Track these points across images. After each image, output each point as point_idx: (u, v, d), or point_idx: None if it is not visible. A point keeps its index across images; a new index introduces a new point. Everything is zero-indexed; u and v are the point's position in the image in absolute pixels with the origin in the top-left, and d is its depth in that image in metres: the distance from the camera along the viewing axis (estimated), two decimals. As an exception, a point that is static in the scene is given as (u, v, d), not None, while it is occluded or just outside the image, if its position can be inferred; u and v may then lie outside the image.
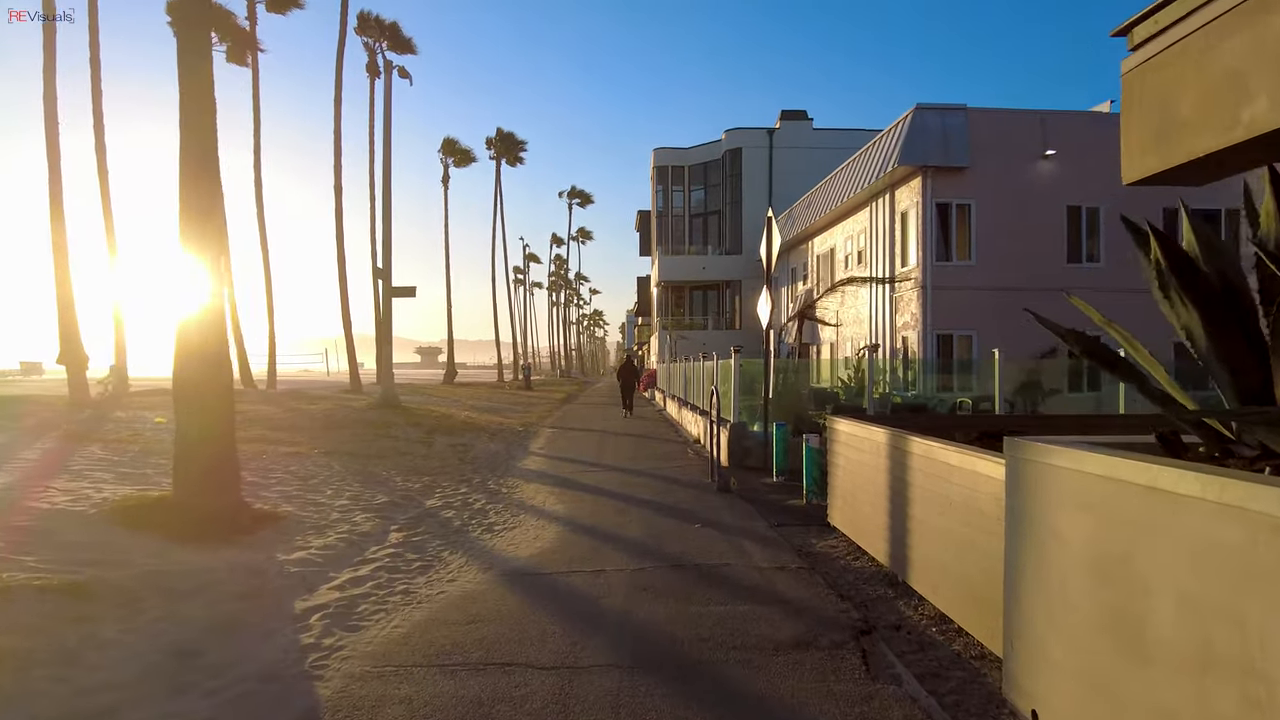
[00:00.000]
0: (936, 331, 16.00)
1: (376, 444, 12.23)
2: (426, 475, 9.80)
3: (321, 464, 10.01)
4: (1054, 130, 15.95)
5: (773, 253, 9.98)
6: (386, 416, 15.28)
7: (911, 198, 16.52)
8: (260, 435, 12.34)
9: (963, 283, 15.93)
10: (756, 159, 32.60)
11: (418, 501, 8.07)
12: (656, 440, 14.41)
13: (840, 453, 6.46)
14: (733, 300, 34.43)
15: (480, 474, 10.13)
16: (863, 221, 19.59)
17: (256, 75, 25.98)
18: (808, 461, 7.91)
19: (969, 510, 4.04)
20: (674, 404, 19.91)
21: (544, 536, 6.46)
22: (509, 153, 48.22)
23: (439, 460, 11.21)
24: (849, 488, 6.24)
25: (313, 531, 6.50)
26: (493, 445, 13.41)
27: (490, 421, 17.55)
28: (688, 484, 9.12)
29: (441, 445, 12.76)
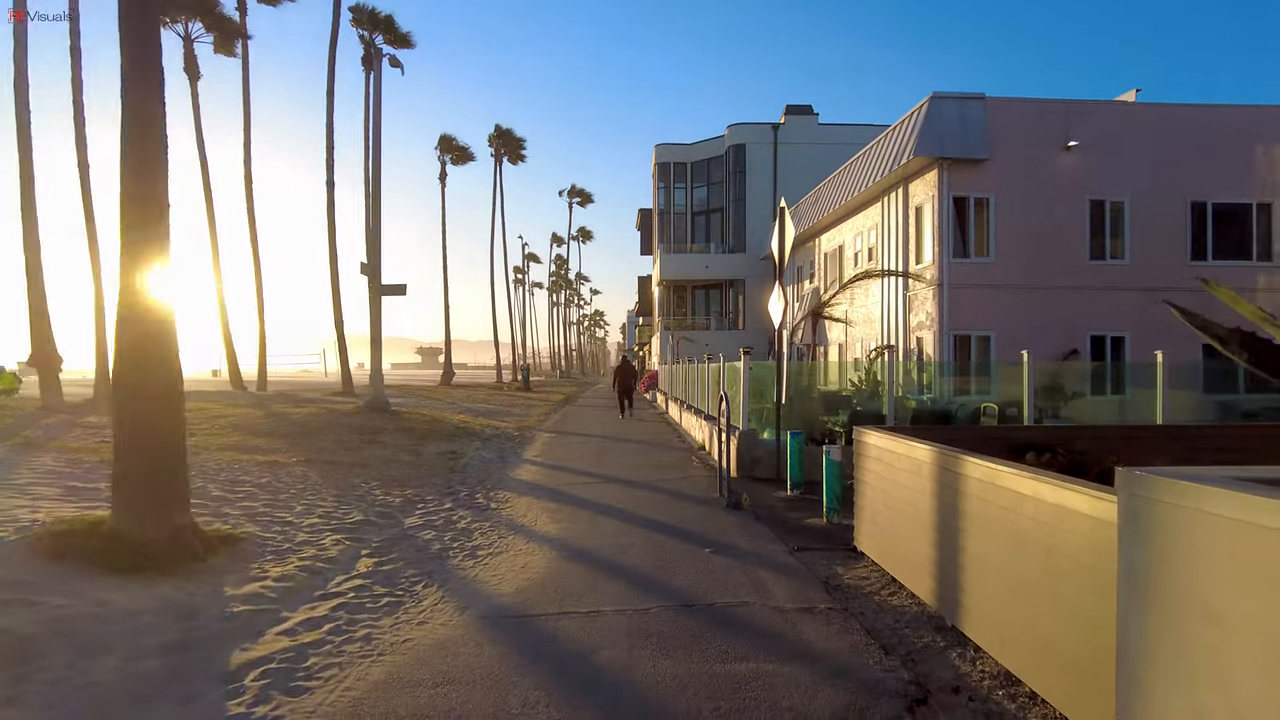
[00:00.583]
0: (953, 332, 15.22)
1: (360, 452, 11.47)
2: (410, 488, 9.04)
3: (297, 475, 9.25)
4: (1077, 120, 15.18)
5: (786, 246, 9.21)
6: (374, 421, 14.52)
7: (927, 191, 15.74)
8: (237, 442, 11.59)
9: (981, 281, 15.16)
10: (761, 155, 31.82)
11: (396, 520, 7.30)
12: (659, 447, 13.64)
13: (870, 469, 5.69)
14: (736, 300, 33.66)
15: (468, 486, 9.36)
16: (873, 217, 18.81)
17: (246, 66, 25.24)
18: (829, 476, 7.14)
19: (1050, 552, 3.27)
20: (676, 407, 19.15)
21: (533, 565, 5.68)
22: (509, 150, 47.47)
23: (425, 470, 10.44)
24: (881, 510, 5.47)
25: (272, 557, 5.75)
26: (485, 453, 12.65)
27: (484, 426, 16.79)
28: (694, 499, 8.35)
29: (430, 453, 12.00)
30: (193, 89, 24.01)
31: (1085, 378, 14.96)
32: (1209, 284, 2.59)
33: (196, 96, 24.06)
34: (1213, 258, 15.45)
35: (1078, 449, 5.72)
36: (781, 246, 9.26)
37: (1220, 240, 15.51)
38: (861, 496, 5.90)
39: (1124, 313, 15.27)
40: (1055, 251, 15.27)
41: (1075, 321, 15.26)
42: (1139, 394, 14.81)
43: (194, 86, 24.03)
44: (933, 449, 4.53)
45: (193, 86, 24.01)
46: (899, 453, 5.08)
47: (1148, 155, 15.26)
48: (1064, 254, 15.29)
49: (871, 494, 5.68)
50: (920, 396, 15.44)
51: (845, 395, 14.17)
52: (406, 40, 33.49)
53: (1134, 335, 15.29)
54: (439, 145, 39.97)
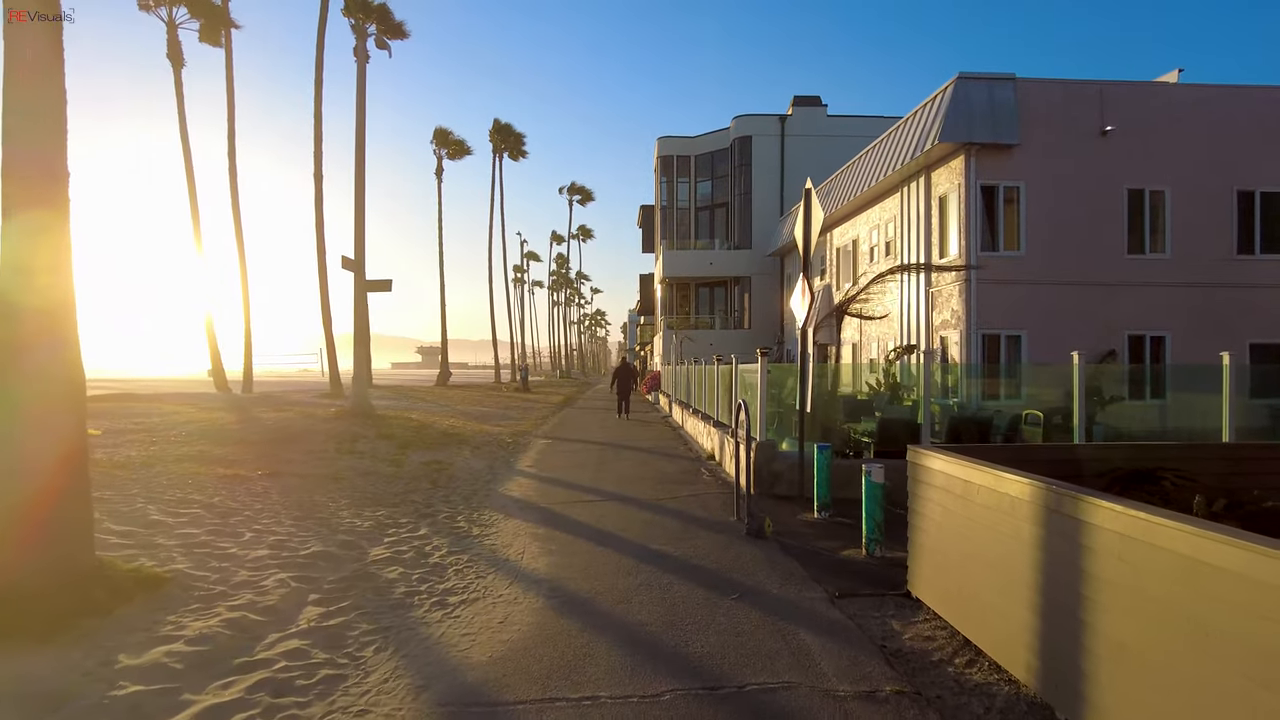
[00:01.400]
0: (982, 331, 14.12)
1: (334, 463, 10.40)
2: (383, 507, 7.95)
3: (257, 492, 8.18)
4: (1114, 103, 14.07)
5: (813, 233, 8.12)
6: (354, 427, 13.43)
7: (952, 180, 14.64)
8: (199, 453, 10.52)
9: (1011, 276, 14.05)
10: (767, 147, 30.68)
11: (360, 550, 6.21)
12: (664, 456, 12.55)
13: (932, 499, 4.61)
14: (742, 298, 32.52)
15: (451, 505, 8.27)
16: (891, 209, 17.71)
17: (230, 55, 24.12)
18: (869, 500, 6.05)
19: (1270, 658, 2.18)
20: (681, 410, 18.06)
21: (515, 619, 4.60)
22: (508, 146, 46.37)
23: (405, 484, 9.36)
24: (949, 552, 4.38)
25: (198, 606, 4.67)
26: (474, 462, 11.56)
27: (476, 431, 15.70)
28: (708, 523, 7.25)
29: (413, 463, 10.91)
30: (176, 76, 22.93)
31: (1123, 380, 13.88)
32: None
33: (180, 85, 22.97)
34: (1261, 251, 14.35)
35: (1192, 478, 4.63)
36: (807, 233, 8.17)
37: (1270, 231, 14.40)
38: (919, 531, 4.81)
39: (1164, 310, 14.17)
40: (1091, 245, 14.16)
41: (1112, 320, 14.16)
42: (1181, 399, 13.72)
43: (178, 74, 22.95)
44: (1037, 485, 3.44)
45: (176, 74, 22.93)
46: (978, 483, 3.99)
47: (1191, 141, 14.16)
48: (1100, 247, 14.19)
49: (935, 530, 4.59)
50: (945, 401, 14.35)
51: (864, 399, 13.11)
52: (400, 30, 32.32)
53: (1175, 334, 14.19)
54: (434, 139, 38.89)
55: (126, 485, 8.02)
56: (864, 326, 19.60)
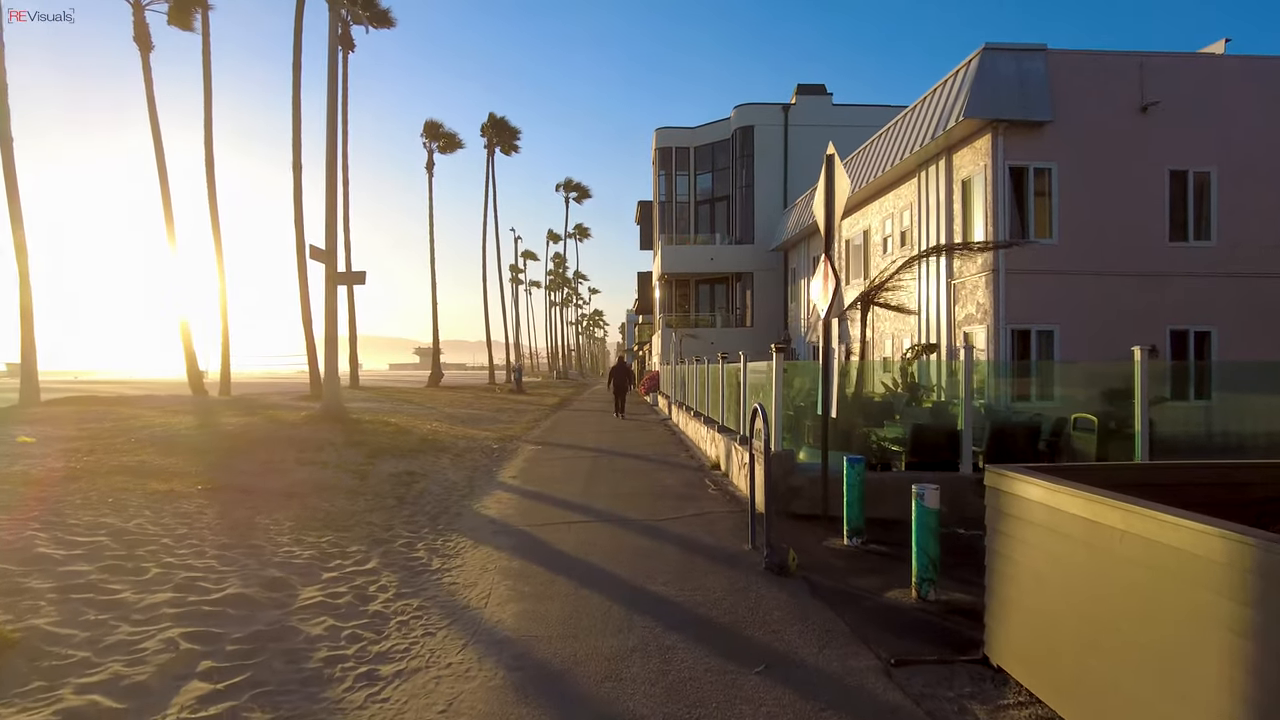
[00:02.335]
0: (1011, 326, 12.92)
1: (290, 475, 9.18)
2: (332, 531, 6.74)
3: (187, 512, 6.96)
4: (1154, 77, 12.88)
5: (837, 207, 6.91)
6: (322, 432, 12.21)
7: (977, 161, 13.44)
8: (139, 463, 9.31)
9: (1043, 265, 12.86)
10: (770, 138, 29.46)
11: (287, 593, 5.00)
12: (663, 464, 11.34)
13: (1027, 540, 3.40)
14: (744, 295, 31.28)
15: (414, 527, 7.05)
16: (907, 196, 16.51)
17: (207, 39, 22.92)
18: (920, 528, 4.84)
19: None
20: (681, 413, 16.85)
21: (463, 707, 3.38)
22: (502, 141, 45.21)
23: (365, 501, 8.14)
24: (1055, 613, 3.17)
25: (35, 688, 3.46)
26: (451, 473, 10.34)
27: (460, 436, 14.48)
28: (718, 554, 6.03)
29: (381, 475, 9.69)
30: (144, 61, 21.67)
31: (1164, 379, 12.69)
32: None
33: (149, 70, 21.71)
34: (1315, 238, 13.17)
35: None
36: (830, 207, 6.96)
37: (1325, 217, 13.22)
38: (1005, 580, 3.60)
39: (1209, 303, 12.97)
40: (1129, 232, 12.97)
41: (1151, 314, 12.96)
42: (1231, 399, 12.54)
43: (145, 58, 21.70)
44: (1237, 540, 2.23)
45: (144, 58, 21.67)
46: (1114, 526, 2.78)
47: (1239, 117, 12.96)
48: (1139, 234, 13.00)
49: (1031, 582, 3.38)
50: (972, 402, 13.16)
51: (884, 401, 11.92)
52: (386, 18, 31.21)
53: (1222, 329, 13.00)
54: (425, 132, 37.71)
55: (30, 506, 6.80)
56: (876, 323, 18.39)
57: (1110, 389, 11.68)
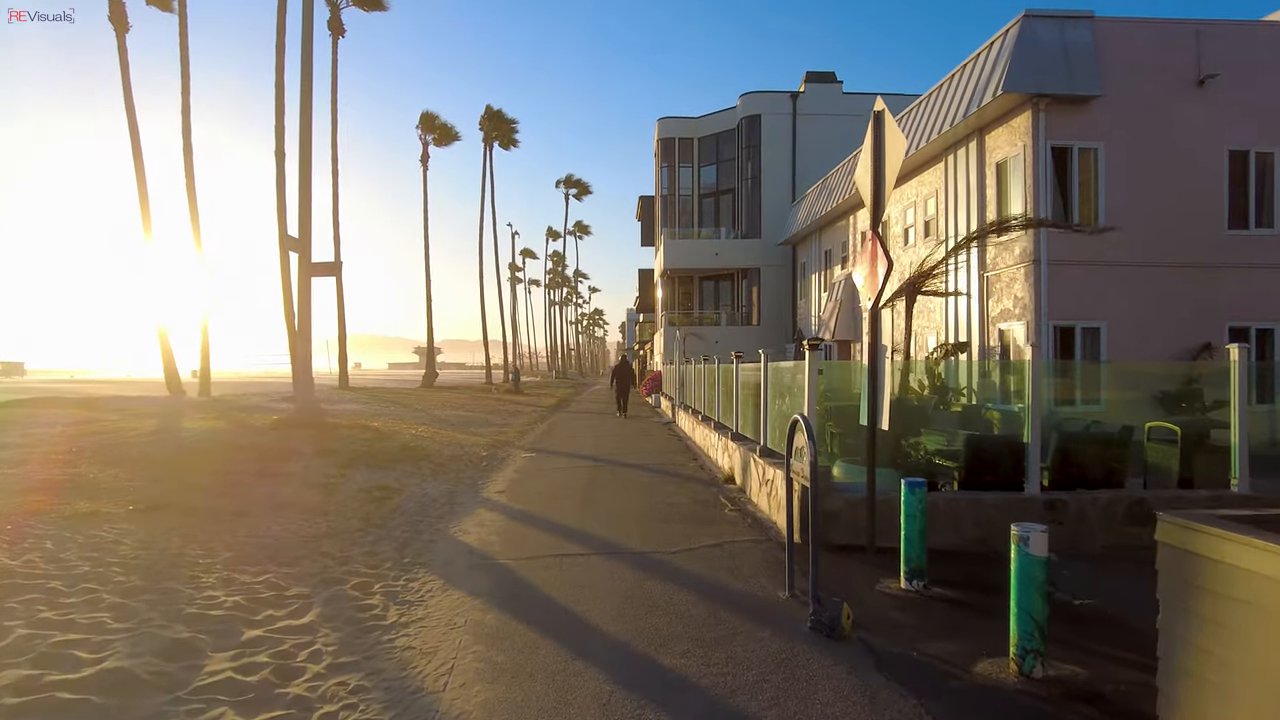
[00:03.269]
0: (1053, 322, 11.70)
1: (246, 491, 7.99)
2: (276, 565, 5.54)
3: (100, 544, 5.77)
4: (1213, 46, 11.68)
5: (887, 173, 5.69)
6: (292, 440, 11.00)
7: (1014, 141, 12.23)
8: (70, 478, 8.13)
9: (1088, 256, 11.64)
10: (778, 127, 28.20)
11: (186, 663, 3.80)
12: (670, 476, 10.14)
13: (1245, 627, 2.19)
14: (750, 291, 30.03)
15: (375, 560, 5.85)
16: (933, 182, 15.30)
17: (184, 20, 21.67)
18: (1023, 584, 3.63)
19: None
20: (686, 416, 15.65)
21: None
22: (500, 134, 43.98)
23: (326, 524, 6.94)
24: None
25: None
26: (431, 486, 9.14)
27: (448, 442, 13.27)
28: (748, 605, 4.81)
29: (350, 490, 8.49)
30: (120, 42, 20.46)
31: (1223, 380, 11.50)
32: None
33: (125, 52, 20.50)
34: (1390, 225, 11.95)
35: None
36: (880, 173, 5.75)
37: (1401, 203, 12.01)
38: (1206, 688, 2.39)
39: (1273, 297, 11.76)
40: (1184, 218, 11.76)
41: (1208, 308, 11.76)
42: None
43: (121, 39, 20.49)
44: None
45: (120, 39, 20.46)
46: None
47: (1307, 92, 11.75)
48: (1195, 221, 11.79)
49: (1253, 687, 2.17)
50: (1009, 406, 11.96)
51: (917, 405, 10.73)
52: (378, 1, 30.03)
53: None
54: (420, 124, 36.47)
55: (-99, 536, 5.61)
56: (895, 320, 17.19)
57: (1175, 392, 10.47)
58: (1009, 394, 12.42)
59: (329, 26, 28.61)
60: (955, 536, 6.16)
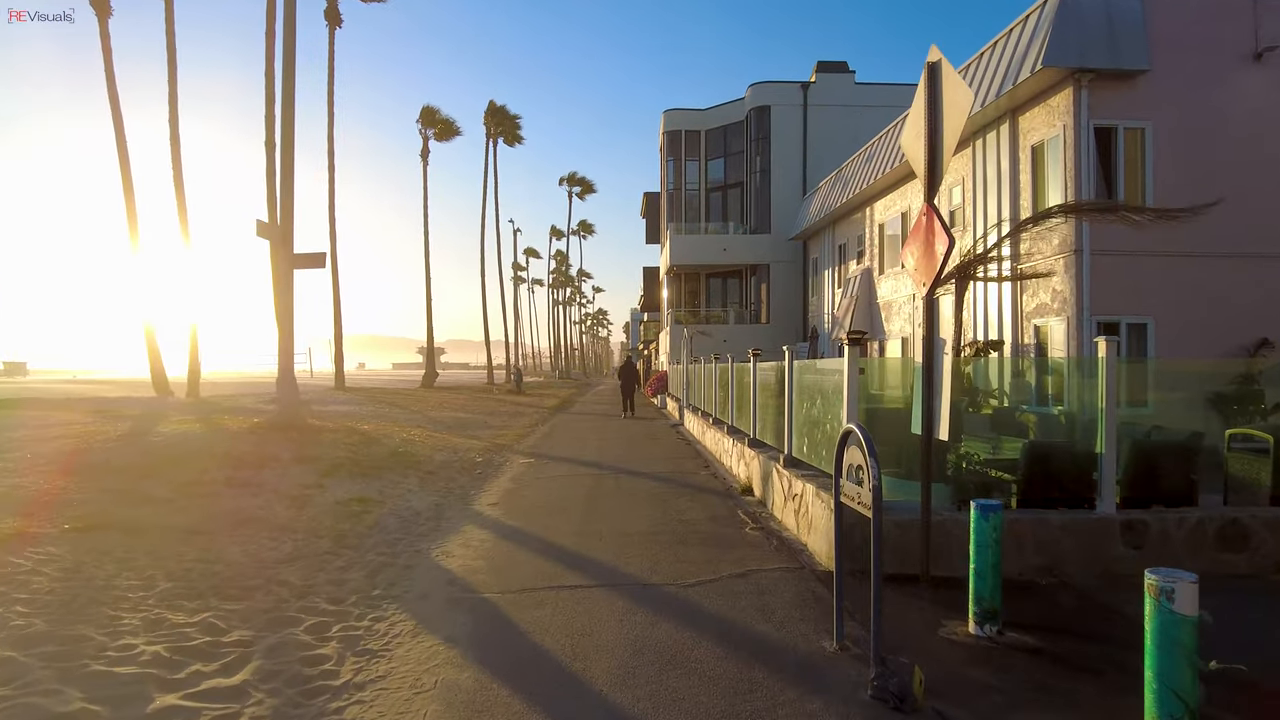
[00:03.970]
0: (1096, 318, 10.77)
1: (209, 504, 7.14)
2: (220, 600, 4.68)
3: (16, 572, 4.94)
4: (1272, 18, 10.73)
5: (945, 133, 4.80)
6: (268, 445, 10.13)
7: (1052, 122, 11.30)
8: (7, 490, 7.27)
9: (1135, 246, 10.70)
10: (788, 119, 27.25)
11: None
12: (682, 486, 9.24)
13: None
14: (759, 288, 29.08)
15: (338, 594, 4.96)
16: (958, 171, 14.38)
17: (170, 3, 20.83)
18: (1165, 653, 2.72)
19: None
20: (695, 418, 14.75)
21: None
22: (504, 130, 43.19)
23: (291, 544, 6.08)
24: None
25: None
26: (417, 498, 8.26)
27: (440, 446, 12.39)
28: (788, 661, 3.89)
29: (325, 503, 7.63)
30: (101, 28, 19.65)
31: (1279, 381, 10.56)
32: None
33: (107, 38, 19.68)
34: None
35: None
36: (937, 133, 4.86)
37: None
38: None
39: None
40: (1241, 204, 10.81)
41: (1268, 302, 10.82)
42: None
43: (104, 25, 19.67)
44: None
45: (102, 24, 19.65)
46: None
47: (1375, 66, 10.79)
48: (1253, 208, 10.84)
49: None
50: (1046, 409, 11.05)
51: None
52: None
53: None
54: (420, 118, 35.65)
55: None
56: (915, 316, 16.25)
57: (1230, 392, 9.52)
58: (1045, 395, 11.50)
59: (325, 16, 27.79)
60: (1016, 563, 5.25)
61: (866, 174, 18.21)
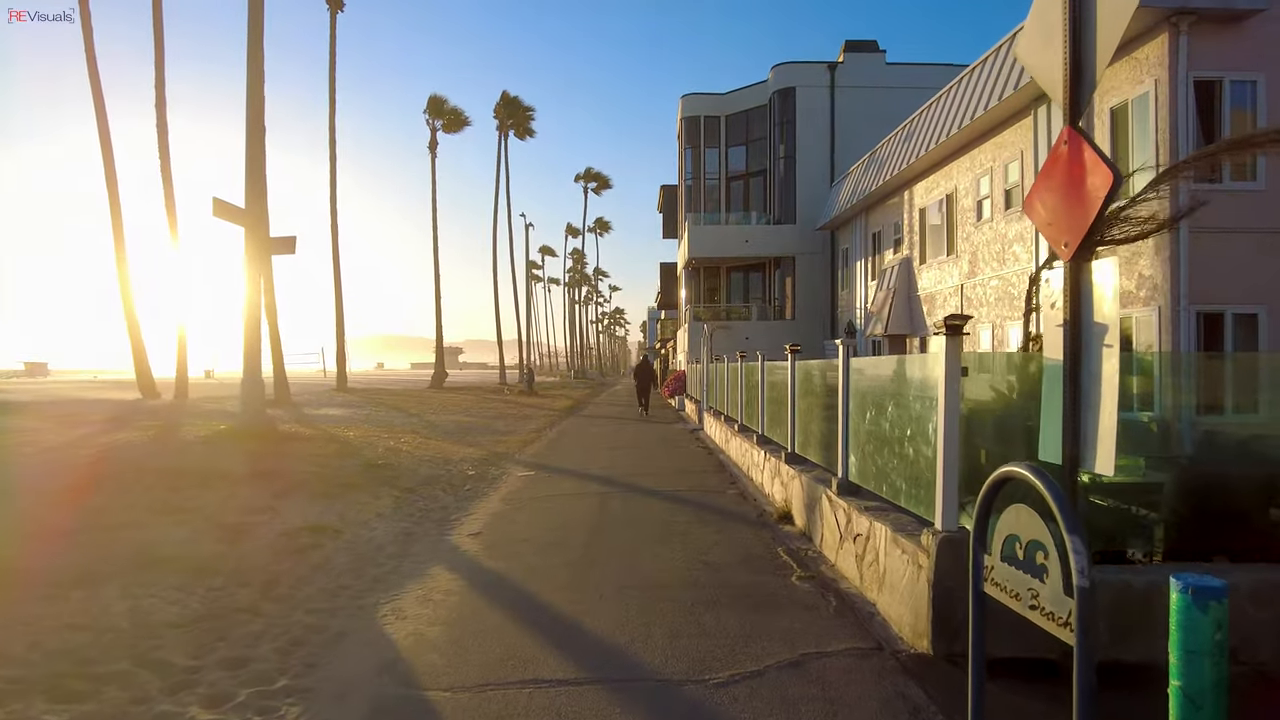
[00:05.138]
0: (1195, 308, 9.10)
1: (123, 536, 5.78)
2: (48, 698, 3.22)
3: None
4: None
5: (1100, 32, 3.25)
6: (227, 457, 8.76)
7: (1139, 77, 9.63)
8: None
9: (1243, 222, 9.04)
10: (814, 101, 25.54)
11: None
12: (706, 511, 7.73)
13: None
14: (783, 282, 27.41)
15: (231, 683, 3.52)
16: (1015, 143, 12.72)
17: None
18: None
19: None
20: (718, 424, 13.22)
21: None
22: (515, 123, 41.94)
23: (205, 596, 4.68)
24: None
25: None
26: (385, 526, 6.82)
27: (430, 457, 10.97)
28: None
29: (271, 533, 6.22)
30: (83, 7, 18.51)
31: None
32: None
33: (88, 16, 18.53)
34: None
35: None
36: (1081, 35, 3.29)
37: None
38: None
39: None
40: (1370, 171, 9.08)
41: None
42: None
43: (84, 4, 18.54)
44: None
45: (83, 5, 18.51)
46: None
47: None
48: (1385, 175, 9.10)
49: None
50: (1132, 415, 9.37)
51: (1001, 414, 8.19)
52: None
53: None
54: (427, 108, 34.48)
55: None
56: (966, 311, 14.58)
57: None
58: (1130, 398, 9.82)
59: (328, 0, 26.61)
60: (1149, 646, 3.67)
61: (905, 154, 16.55)
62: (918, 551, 3.94)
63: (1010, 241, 12.90)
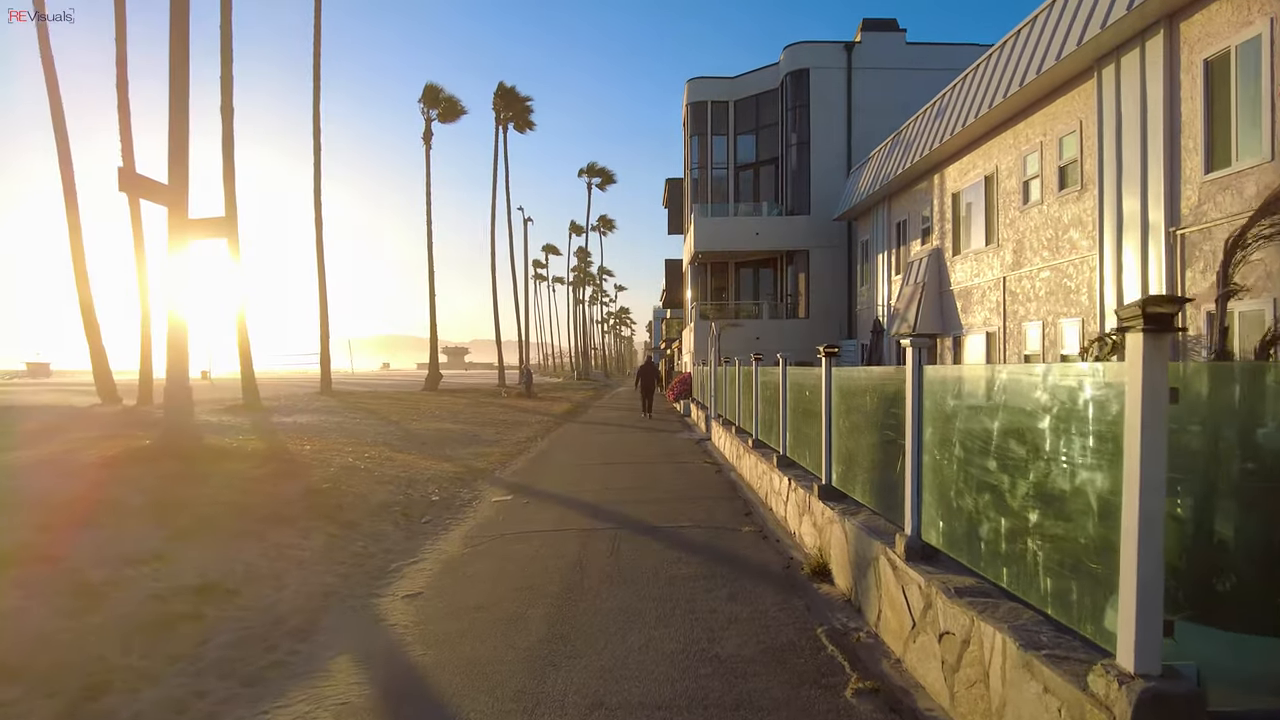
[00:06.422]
0: (1317, 300, 7.42)
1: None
2: None
3: None
4: None
5: None
6: (123, 484, 7.16)
7: (1246, 18, 7.99)
8: None
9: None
10: (830, 83, 23.82)
11: None
12: (717, 561, 6.13)
13: None
14: (796, 279, 25.70)
15: None
16: (1072, 114, 11.05)
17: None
18: None
19: None
20: (728, 436, 11.58)
21: None
22: (514, 115, 40.42)
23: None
24: None
25: None
26: (302, 582, 5.22)
27: (395, 474, 9.37)
28: None
29: (139, 596, 4.65)
30: None
31: None
32: None
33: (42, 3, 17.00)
34: None
35: None
36: None
37: None
38: None
39: None
40: None
41: None
42: None
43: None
44: None
45: None
46: None
47: None
48: None
49: None
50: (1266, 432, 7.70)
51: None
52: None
53: None
54: (422, 98, 32.98)
55: None
56: (1010, 307, 12.92)
57: None
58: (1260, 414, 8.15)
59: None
60: None
61: (936, 133, 14.87)
62: (1085, 703, 2.31)
63: (1065, 226, 11.22)
